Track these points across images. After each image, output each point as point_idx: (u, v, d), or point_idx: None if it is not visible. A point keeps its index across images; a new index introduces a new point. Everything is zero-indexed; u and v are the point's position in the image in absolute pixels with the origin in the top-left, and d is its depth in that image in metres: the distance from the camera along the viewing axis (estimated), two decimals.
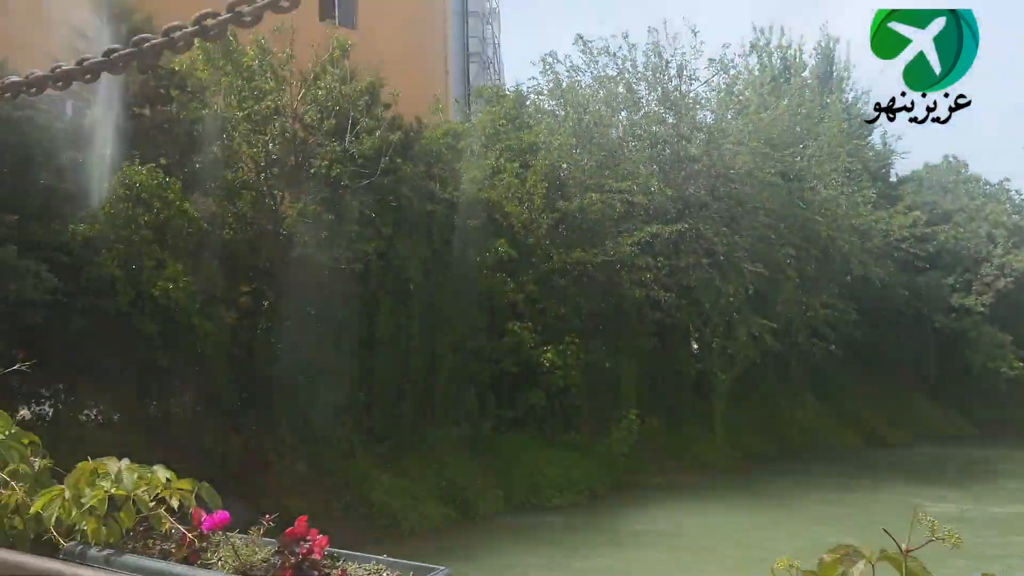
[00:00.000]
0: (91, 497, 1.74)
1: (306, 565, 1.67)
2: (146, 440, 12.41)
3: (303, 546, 1.70)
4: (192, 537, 1.70)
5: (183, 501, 1.80)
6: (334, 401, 15.53)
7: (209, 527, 1.70)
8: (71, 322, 10.93)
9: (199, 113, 14.74)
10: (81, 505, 1.74)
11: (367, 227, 16.20)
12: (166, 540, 1.77)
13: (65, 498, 1.78)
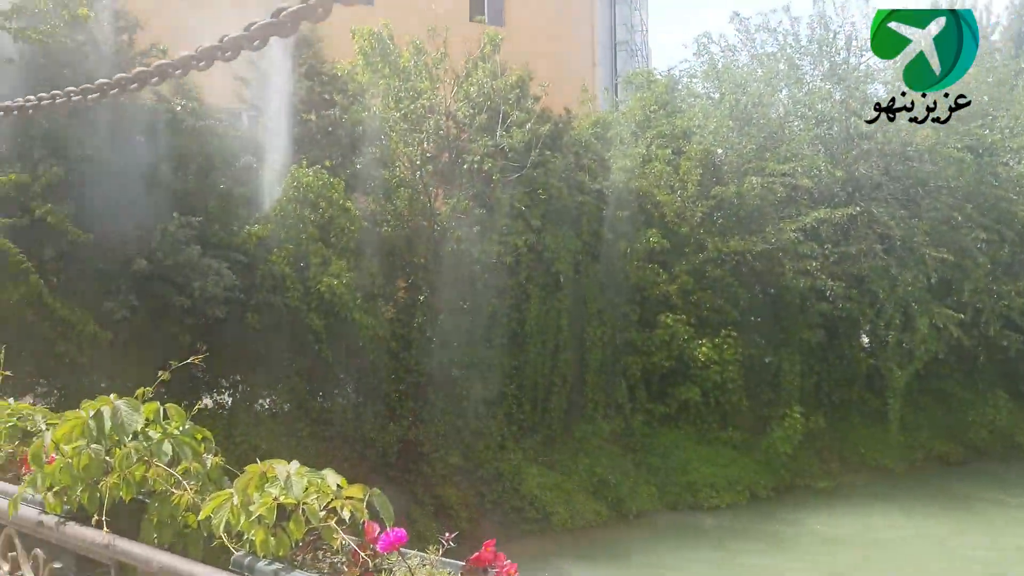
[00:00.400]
0: (259, 505, 1.63)
1: None
2: (312, 429, 13.08)
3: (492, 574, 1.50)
4: (365, 556, 1.55)
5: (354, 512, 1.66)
6: (486, 394, 15.70)
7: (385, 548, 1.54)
8: (247, 317, 11.68)
9: (359, 115, 15.35)
10: (249, 512, 1.64)
11: (517, 220, 16.24)
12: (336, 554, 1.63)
13: (234, 503, 1.69)
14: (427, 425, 14.73)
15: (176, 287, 10.65)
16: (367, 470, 13.62)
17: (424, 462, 14.40)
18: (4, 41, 9.64)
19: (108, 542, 1.94)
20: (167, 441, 2.16)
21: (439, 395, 15.10)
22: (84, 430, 2.14)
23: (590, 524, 14.70)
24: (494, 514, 14.30)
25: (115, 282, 10.36)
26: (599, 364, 17.23)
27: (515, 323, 16.36)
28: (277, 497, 1.66)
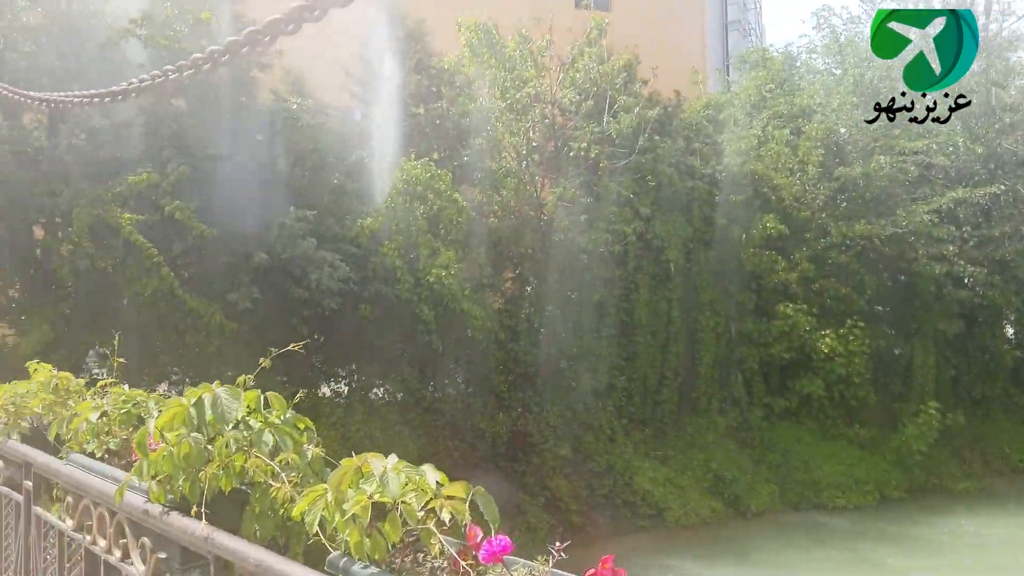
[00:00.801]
0: (353, 503, 1.49)
1: None
2: (424, 418, 13.24)
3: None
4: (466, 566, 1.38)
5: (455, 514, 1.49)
6: (595, 385, 15.43)
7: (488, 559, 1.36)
8: (360, 308, 11.93)
9: (466, 107, 15.39)
10: (343, 511, 1.50)
11: (625, 208, 15.86)
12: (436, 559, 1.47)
13: (328, 500, 1.56)
14: (536, 416, 14.62)
15: (294, 279, 11.00)
16: (477, 459, 13.68)
17: (534, 453, 14.31)
18: (135, 47, 10.22)
19: (207, 535, 1.88)
20: (268, 430, 2.08)
21: (547, 386, 14.96)
22: (185, 418, 2.08)
23: (705, 521, 14.19)
24: (605, 508, 14.04)
25: (238, 275, 10.81)
26: (713, 356, 16.61)
27: (624, 313, 16.00)
28: (372, 495, 1.52)
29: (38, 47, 9.94)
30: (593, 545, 13.17)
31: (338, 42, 16.03)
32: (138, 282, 9.78)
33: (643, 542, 13.19)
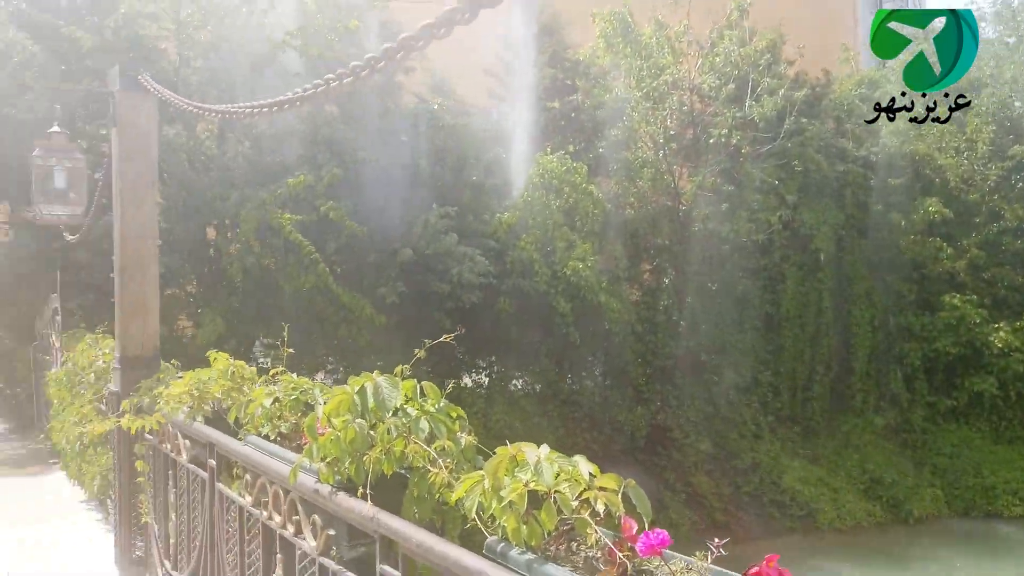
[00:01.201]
0: (510, 490, 1.54)
1: None
2: (562, 410, 13.34)
3: None
4: (622, 556, 1.40)
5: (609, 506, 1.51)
6: (738, 380, 14.94)
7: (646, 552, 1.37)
8: (499, 301, 12.18)
9: (601, 98, 15.31)
10: (500, 498, 1.56)
11: (769, 195, 15.20)
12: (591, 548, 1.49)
13: (485, 487, 1.62)
14: (676, 410, 14.37)
15: (436, 274, 11.42)
16: (616, 452, 13.63)
17: (674, 448, 14.08)
18: (292, 57, 10.95)
19: (373, 515, 2.00)
20: (424, 418, 2.18)
21: (687, 380, 14.66)
22: (350, 405, 2.23)
23: (861, 525, 13.40)
24: (751, 507, 13.59)
25: (386, 270, 11.36)
26: (869, 351, 15.61)
27: (769, 305, 15.36)
28: (528, 483, 1.57)
29: (208, 62, 10.86)
30: (739, 544, 12.78)
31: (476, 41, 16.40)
32: (297, 278, 10.49)
33: (793, 543, 12.65)
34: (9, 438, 10.64)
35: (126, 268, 4.70)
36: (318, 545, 2.36)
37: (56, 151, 5.17)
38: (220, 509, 3.36)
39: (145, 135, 4.67)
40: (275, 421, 3.00)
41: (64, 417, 7.33)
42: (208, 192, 10.31)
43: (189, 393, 3.71)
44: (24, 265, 10.21)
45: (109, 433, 5.22)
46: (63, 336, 8.44)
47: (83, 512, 6.64)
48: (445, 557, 1.67)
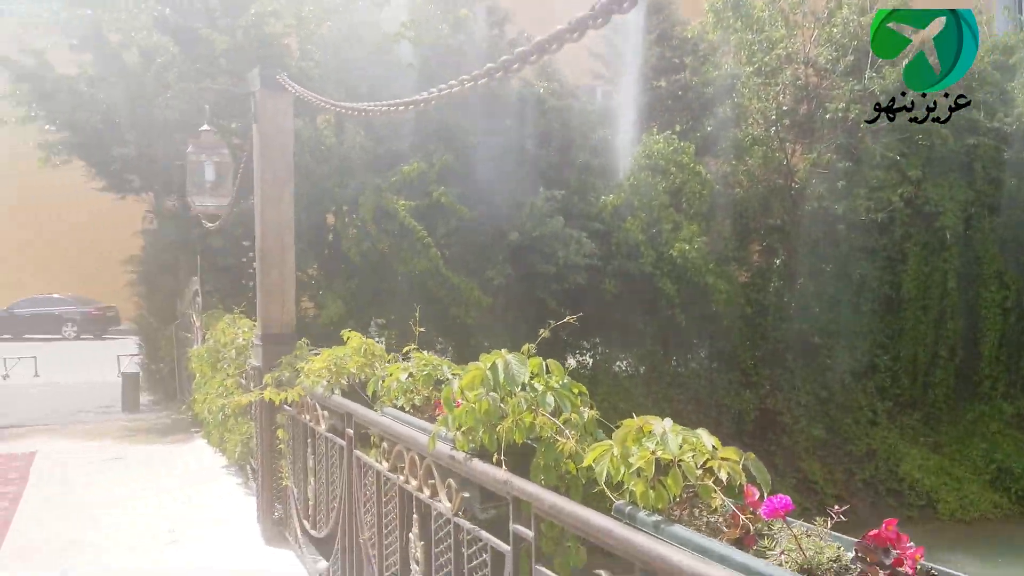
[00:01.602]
0: (638, 457, 1.71)
1: None
2: (667, 392, 13.31)
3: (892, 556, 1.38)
4: (745, 519, 1.54)
5: (731, 474, 1.65)
6: (853, 364, 14.42)
7: (769, 514, 1.51)
8: (604, 283, 12.26)
9: (710, 75, 15.00)
10: (629, 464, 1.73)
11: (890, 171, 14.47)
12: (713, 514, 1.64)
13: (614, 455, 1.79)
14: (786, 394, 14.05)
15: (543, 256, 11.62)
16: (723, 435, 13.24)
17: (784, 433, 13.79)
18: (405, 48, 11.37)
19: (506, 479, 2.21)
20: (550, 393, 2.37)
21: (799, 363, 14.28)
22: (483, 379, 2.44)
23: (986, 517, 12.74)
24: (865, 494, 13.17)
25: (493, 253, 11.66)
26: (999, 335, 14.69)
27: (888, 287, 14.69)
28: (655, 451, 1.73)
29: (326, 55, 11.42)
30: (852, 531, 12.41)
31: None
32: (410, 261, 10.95)
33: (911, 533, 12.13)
34: (153, 409, 11.67)
35: (266, 256, 5.13)
36: (453, 506, 2.61)
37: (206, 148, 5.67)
38: (358, 474, 3.69)
39: (283, 132, 5.08)
40: (408, 394, 3.27)
41: (207, 390, 8.02)
42: (328, 181, 10.89)
43: (327, 368, 4.06)
44: (167, 251, 11.14)
45: (251, 404, 5.73)
46: (203, 316, 9.20)
47: (224, 476, 7.26)
48: (576, 517, 1.85)
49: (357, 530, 3.70)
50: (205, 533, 5.52)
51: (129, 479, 7.17)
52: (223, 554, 5.08)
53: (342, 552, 3.89)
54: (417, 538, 2.94)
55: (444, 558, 2.71)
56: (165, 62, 10.24)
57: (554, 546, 2.28)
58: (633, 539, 1.63)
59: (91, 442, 9.01)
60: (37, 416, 10.96)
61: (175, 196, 10.85)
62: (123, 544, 5.27)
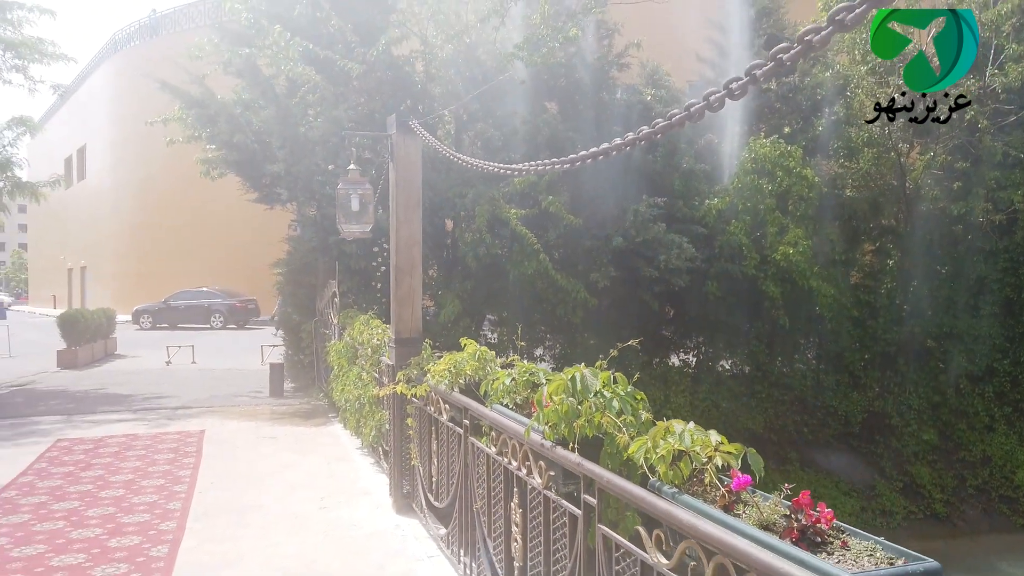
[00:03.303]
0: (663, 448, 2.47)
1: (811, 531, 2.05)
2: (770, 392, 13.58)
3: (811, 515, 2.08)
4: (725, 491, 2.27)
5: (727, 462, 2.38)
6: (971, 368, 14.14)
7: (736, 487, 2.23)
8: (706, 285, 12.71)
9: (822, 76, 15.02)
10: (656, 453, 2.49)
11: (1014, 171, 14.06)
12: (713, 490, 2.38)
13: (648, 447, 2.56)
14: (896, 397, 13.98)
15: (646, 260, 12.22)
16: (828, 437, 13.63)
17: (893, 436, 13.76)
18: (518, 67, 12.24)
19: (579, 461, 3.01)
20: (615, 399, 3.15)
21: (911, 367, 14.16)
22: (565, 387, 3.24)
23: None
24: (977, 501, 12.99)
25: (598, 256, 12.37)
26: None
27: (1010, 289, 14.29)
28: (674, 445, 2.48)
29: (448, 77, 12.48)
30: (961, 537, 12.38)
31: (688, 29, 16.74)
32: (521, 264, 11.84)
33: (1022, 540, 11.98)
34: (295, 395, 13.16)
35: (400, 269, 6.13)
36: (543, 482, 3.43)
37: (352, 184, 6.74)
38: (472, 456, 4.59)
39: (413, 167, 6.05)
40: (511, 394, 4.12)
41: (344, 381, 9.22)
42: (449, 191, 11.95)
43: (448, 370, 4.98)
44: (308, 255, 12.55)
45: (384, 396, 6.78)
46: (340, 315, 10.46)
47: (359, 457, 8.39)
48: (624, 489, 2.62)
49: (471, 500, 4.60)
50: (348, 501, 6.62)
51: (283, 455, 8.45)
52: (364, 518, 6.14)
53: (459, 517, 4.81)
54: (517, 506, 3.79)
55: (536, 521, 3.54)
56: (309, 88, 11.60)
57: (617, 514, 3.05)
58: (657, 503, 2.40)
59: (248, 422, 10.46)
60: (200, 399, 12.67)
61: (315, 206, 12.23)
62: (285, 507, 6.45)
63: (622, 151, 3.33)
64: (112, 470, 7.74)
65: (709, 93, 2.29)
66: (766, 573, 1.90)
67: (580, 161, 3.70)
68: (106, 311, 21.28)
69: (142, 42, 39.59)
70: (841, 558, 1.92)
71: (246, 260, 31.88)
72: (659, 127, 2.63)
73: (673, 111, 2.49)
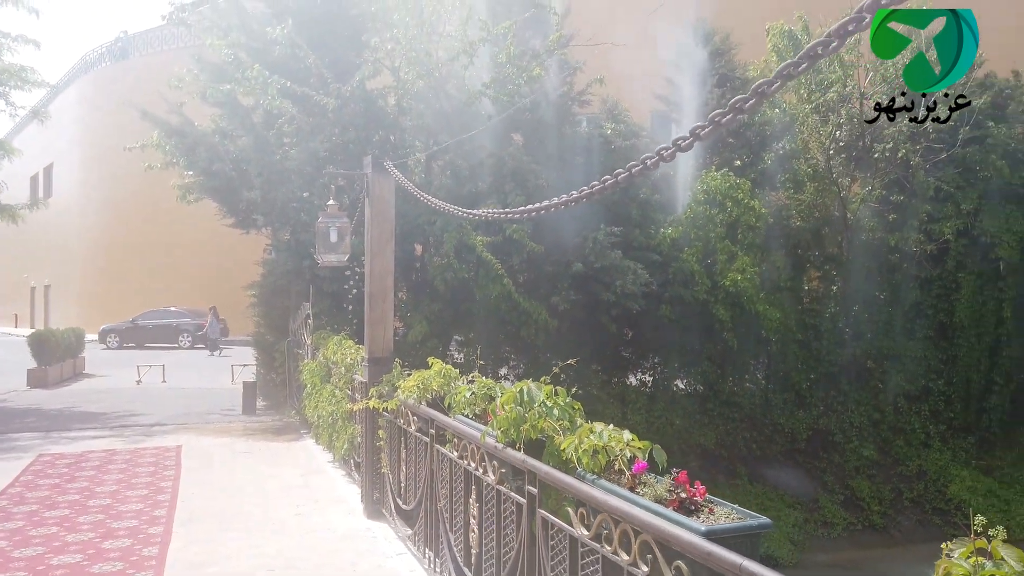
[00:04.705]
0: (586, 444, 3.15)
1: (687, 502, 2.72)
2: (722, 410, 14.37)
3: (689, 489, 2.76)
4: (629, 475, 2.96)
5: (634, 455, 3.07)
6: (908, 388, 15.11)
7: (636, 471, 2.92)
8: (661, 309, 13.51)
9: (770, 113, 16.03)
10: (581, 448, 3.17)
11: (945, 204, 15.17)
12: (620, 475, 3.06)
13: (576, 443, 3.24)
14: (839, 415, 14.87)
15: (603, 284, 12.98)
16: (775, 453, 14.44)
17: (836, 451, 14.62)
18: (485, 104, 13.01)
19: (524, 459, 3.67)
20: (556, 408, 3.83)
21: (853, 386, 15.08)
22: (515, 398, 3.91)
23: None
24: (912, 512, 13.88)
25: (559, 281, 13.10)
26: None
27: (943, 314, 15.34)
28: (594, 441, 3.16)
29: (420, 110, 13.18)
30: (896, 546, 13.22)
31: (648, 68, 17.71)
32: (487, 288, 12.51)
33: None
34: (268, 412, 13.60)
35: (374, 295, 6.77)
36: (495, 478, 4.09)
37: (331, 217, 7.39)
38: (437, 462, 5.22)
39: (387, 203, 6.71)
40: (471, 406, 4.78)
41: (317, 398, 9.76)
42: (419, 218, 12.61)
43: (417, 386, 5.62)
44: (282, 278, 13.08)
45: (357, 411, 7.38)
46: (314, 335, 11.02)
47: (332, 470, 8.93)
48: (557, 478, 3.30)
49: (435, 501, 5.23)
50: (323, 508, 7.19)
51: (259, 468, 8.96)
52: (337, 523, 6.72)
53: (424, 517, 5.43)
54: (474, 501, 4.44)
55: (490, 513, 4.19)
56: (286, 120, 12.23)
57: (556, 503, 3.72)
58: (580, 487, 3.07)
59: (223, 438, 10.92)
60: (174, 416, 13.06)
61: (290, 231, 12.80)
62: (265, 513, 6.99)
63: (580, 202, 3.91)
64: (96, 482, 8.19)
65: (662, 148, 2.57)
66: (651, 531, 2.58)
67: (545, 210, 4.25)
68: (75, 330, 21.47)
69: (112, 64, 39.81)
70: (707, 519, 2.61)
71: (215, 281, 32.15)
72: (620, 177, 2.90)
73: (632, 163, 2.75)
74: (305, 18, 12.63)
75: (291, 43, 11.91)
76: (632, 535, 2.74)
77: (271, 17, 12.73)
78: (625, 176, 2.90)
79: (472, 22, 12.56)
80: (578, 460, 3.25)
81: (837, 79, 15.72)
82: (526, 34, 14.08)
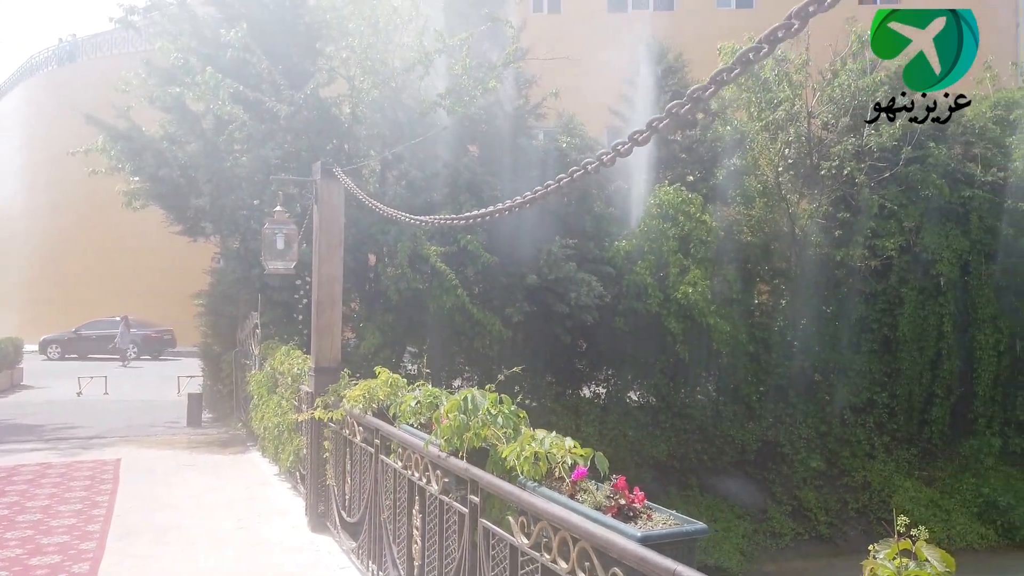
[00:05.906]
0: (528, 451, 3.11)
1: (626, 508, 2.70)
2: (674, 422, 14.50)
3: (628, 496, 2.74)
4: (569, 482, 2.93)
5: (576, 461, 3.04)
6: (853, 400, 15.44)
7: (576, 477, 2.89)
8: (615, 321, 13.59)
9: (721, 130, 16.34)
10: (522, 456, 3.13)
11: (889, 221, 15.61)
12: (561, 482, 3.03)
13: (517, 451, 3.20)
14: (788, 427, 15.11)
15: (557, 296, 13.01)
16: (725, 464, 14.60)
17: (784, 463, 14.84)
18: (441, 114, 12.97)
19: (467, 468, 3.62)
20: (500, 416, 3.78)
21: (801, 399, 15.34)
22: (459, 406, 3.86)
23: (972, 547, 13.60)
24: (858, 522, 14.14)
25: (513, 293, 13.09)
26: (992, 375, 15.60)
27: (887, 328, 15.74)
28: (535, 448, 3.12)
29: (374, 119, 13.07)
30: (842, 556, 13.44)
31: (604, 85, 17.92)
32: (440, 299, 12.43)
33: None
34: (213, 424, 13.26)
35: (321, 303, 6.65)
36: (439, 488, 4.02)
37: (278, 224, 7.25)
38: (381, 473, 5.12)
39: (336, 209, 6.61)
40: (417, 415, 4.70)
41: (263, 410, 9.55)
42: (372, 227, 12.48)
43: (363, 395, 5.51)
44: (231, 287, 12.80)
45: (302, 422, 7.22)
46: (261, 346, 10.79)
47: (277, 482, 8.73)
48: (498, 487, 3.25)
49: (379, 512, 5.12)
50: (266, 521, 7.00)
51: (202, 481, 8.70)
52: (280, 536, 6.54)
53: (368, 529, 5.32)
54: (417, 512, 4.36)
55: (433, 523, 4.12)
56: (236, 126, 12.01)
57: (499, 512, 3.66)
58: (521, 495, 3.03)
59: (165, 451, 10.60)
60: (115, 429, 12.64)
61: (239, 239, 12.54)
62: (205, 527, 6.77)
63: (535, 204, 3.89)
64: (27, 496, 7.86)
65: (618, 143, 2.59)
66: (589, 538, 2.55)
67: (498, 213, 4.27)
68: (13, 340, 20.69)
69: (59, 67, 38.75)
70: (644, 525, 2.59)
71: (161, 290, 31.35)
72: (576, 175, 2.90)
73: (587, 160, 2.76)
74: (258, 24, 12.45)
75: (244, 47, 11.72)
76: (571, 543, 2.70)
77: (223, 22, 12.53)
78: (581, 174, 2.91)
79: (428, 33, 12.54)
80: (520, 468, 3.21)
81: (786, 98, 16.09)
82: (483, 46, 14.12)
